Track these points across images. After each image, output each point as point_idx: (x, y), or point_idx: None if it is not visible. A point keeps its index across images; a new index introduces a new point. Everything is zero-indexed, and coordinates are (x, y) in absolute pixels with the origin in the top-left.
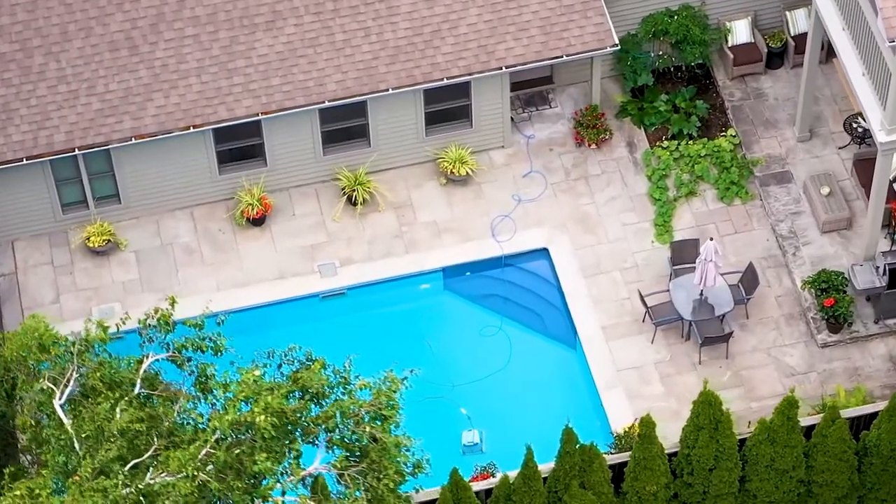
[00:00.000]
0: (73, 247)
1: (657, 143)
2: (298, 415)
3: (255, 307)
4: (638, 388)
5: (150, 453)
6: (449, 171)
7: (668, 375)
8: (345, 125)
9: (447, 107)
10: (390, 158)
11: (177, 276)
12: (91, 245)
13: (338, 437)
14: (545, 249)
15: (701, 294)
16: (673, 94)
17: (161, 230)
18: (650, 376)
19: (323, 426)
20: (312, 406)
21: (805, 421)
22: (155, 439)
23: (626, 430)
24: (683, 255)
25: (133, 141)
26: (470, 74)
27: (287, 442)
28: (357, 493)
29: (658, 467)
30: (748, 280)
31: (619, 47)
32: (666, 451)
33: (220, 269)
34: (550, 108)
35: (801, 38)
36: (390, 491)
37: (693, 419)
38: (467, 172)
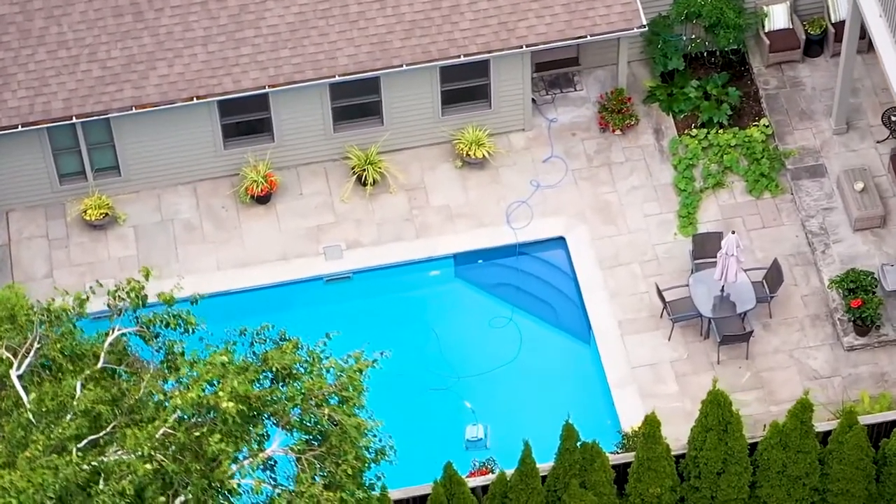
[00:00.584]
0: (69, 220)
1: (685, 131)
2: (265, 400)
3: (256, 288)
4: (652, 386)
5: (108, 430)
6: (465, 153)
7: (684, 375)
8: (357, 102)
9: (465, 86)
10: (404, 138)
11: (176, 254)
12: (88, 219)
13: (297, 419)
14: (562, 238)
15: (722, 290)
16: (704, 80)
17: (162, 205)
18: (665, 375)
19: (291, 406)
20: (282, 388)
21: (822, 426)
22: (116, 416)
23: (636, 429)
24: (706, 248)
25: (134, 111)
26: (489, 52)
27: (250, 426)
28: (315, 479)
29: (663, 469)
30: (772, 277)
31: (647, 28)
32: (673, 453)
33: (222, 247)
34: (575, 90)
35: (842, 26)
36: (349, 477)
37: (701, 420)
38: (484, 155)
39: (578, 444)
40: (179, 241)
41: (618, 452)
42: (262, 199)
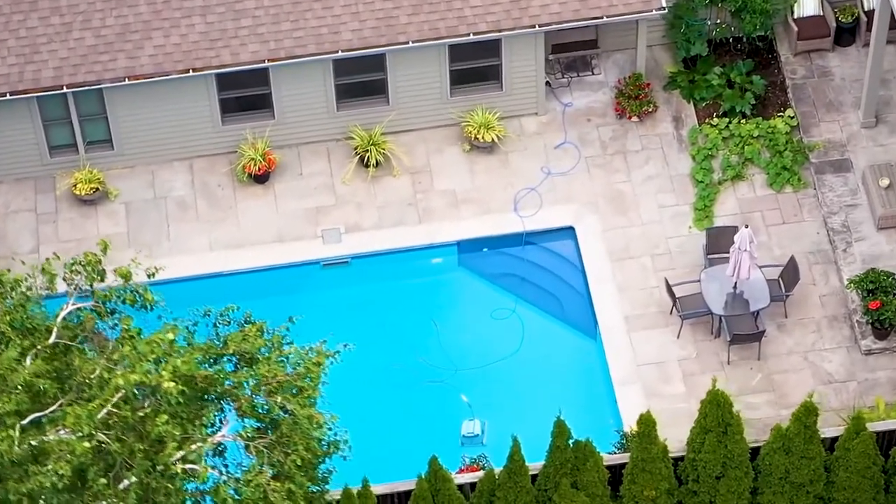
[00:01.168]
0: (58, 194)
1: (706, 120)
2: (213, 381)
3: (250, 271)
4: (657, 385)
5: (53, 408)
6: (473, 136)
7: (692, 374)
8: (361, 79)
9: (475, 66)
10: (410, 119)
11: (167, 232)
12: (78, 193)
13: (248, 405)
14: (571, 228)
15: (734, 287)
16: (728, 67)
17: (155, 181)
18: (672, 374)
19: (242, 392)
20: (232, 371)
21: (829, 432)
22: (61, 394)
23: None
24: (720, 243)
25: (127, 82)
26: (499, 31)
27: (198, 409)
28: (262, 467)
29: (659, 471)
30: (788, 275)
31: (666, 11)
32: (673, 455)
33: (216, 226)
34: (593, 74)
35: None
36: (297, 468)
37: (700, 420)
38: (493, 139)
39: (571, 441)
40: (172, 219)
41: (615, 452)
42: (260, 179)
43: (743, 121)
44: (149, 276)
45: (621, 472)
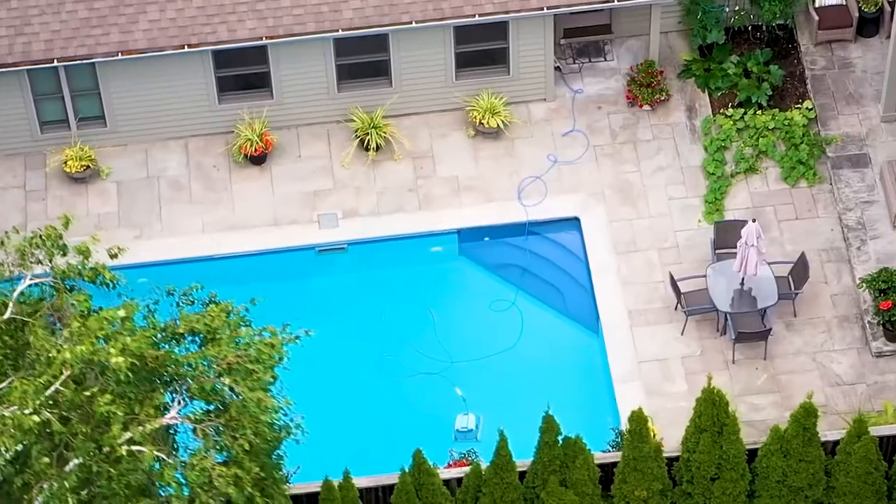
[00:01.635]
0: (48, 171)
1: (721, 111)
2: (164, 361)
3: (243, 255)
4: (659, 383)
5: (3, 385)
6: (478, 121)
7: (695, 373)
8: (364, 60)
9: (482, 48)
10: (413, 102)
11: (159, 213)
12: (68, 170)
13: (197, 387)
14: (576, 219)
15: (742, 283)
16: (745, 56)
17: (149, 160)
18: (674, 372)
19: (192, 374)
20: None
21: (831, 435)
22: (13, 371)
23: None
24: (730, 237)
25: (120, 57)
26: (506, 13)
27: (148, 390)
28: (209, 451)
29: (651, 470)
30: (798, 272)
31: None
32: (669, 455)
33: (209, 208)
34: (605, 61)
35: None
36: (245, 453)
37: (695, 420)
38: (498, 125)
39: (560, 438)
40: (164, 199)
41: (610, 450)
42: (257, 160)
43: (759, 112)
44: (111, 257)
45: (614, 470)
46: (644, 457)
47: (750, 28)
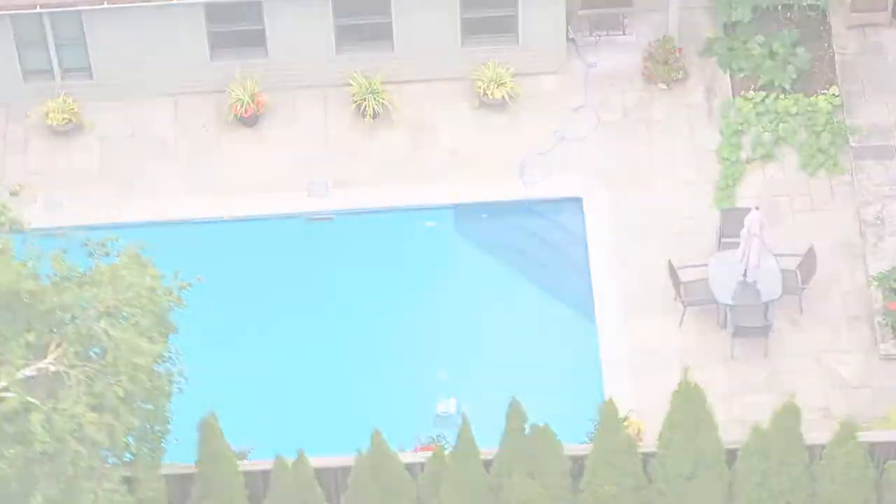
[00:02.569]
0: (29, 122)
1: (742, 93)
2: (41, 298)
3: (227, 220)
4: (650, 376)
5: None
6: (482, 92)
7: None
8: (364, 21)
9: (490, 15)
10: (416, 68)
11: (142, 172)
12: (50, 122)
13: (73, 331)
14: (579, 199)
15: (745, 275)
16: (772, 36)
17: (135, 116)
18: (668, 365)
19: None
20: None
21: (819, 438)
22: None
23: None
24: (737, 226)
25: (106, 5)
26: None
27: (21, 329)
28: (80, 396)
29: (623, 465)
30: (806, 266)
31: None
32: (644, 450)
33: (195, 170)
34: (623, 34)
35: None
36: (120, 399)
37: (670, 415)
38: (503, 96)
39: (527, 426)
40: (149, 157)
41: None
42: (249, 121)
43: (782, 96)
44: (11, 194)
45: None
46: (615, 450)
47: (780, 7)
